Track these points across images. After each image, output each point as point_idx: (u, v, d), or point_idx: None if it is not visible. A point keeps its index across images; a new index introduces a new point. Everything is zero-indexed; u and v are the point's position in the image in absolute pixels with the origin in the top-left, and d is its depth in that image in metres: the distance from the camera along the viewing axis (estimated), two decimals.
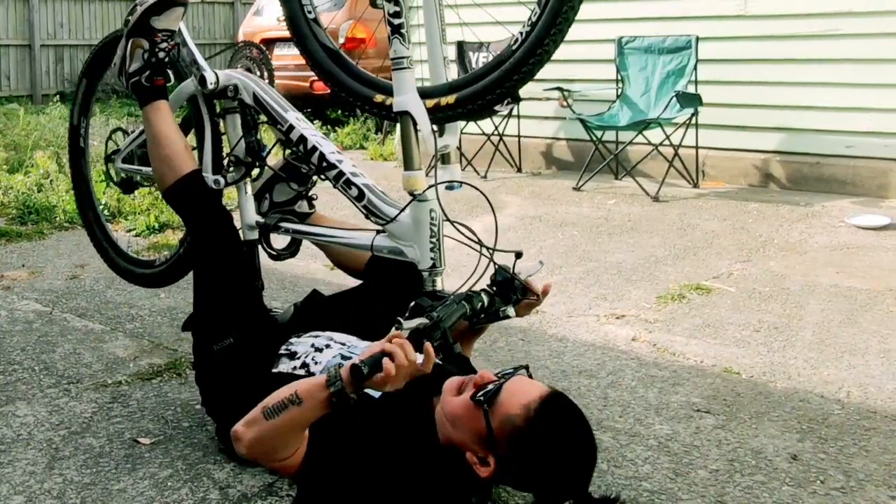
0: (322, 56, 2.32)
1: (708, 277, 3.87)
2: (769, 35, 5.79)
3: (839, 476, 2.15)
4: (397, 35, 2.01)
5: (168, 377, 2.75)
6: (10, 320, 3.33)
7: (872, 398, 2.61)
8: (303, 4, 2.36)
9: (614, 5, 6.32)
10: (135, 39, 2.45)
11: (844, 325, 3.24)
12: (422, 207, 2.05)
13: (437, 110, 2.07)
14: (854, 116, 5.54)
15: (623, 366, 2.87)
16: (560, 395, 1.81)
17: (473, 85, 2.02)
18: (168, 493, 2.04)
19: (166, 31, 2.44)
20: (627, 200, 5.57)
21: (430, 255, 2.04)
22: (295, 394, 1.74)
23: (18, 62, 12.70)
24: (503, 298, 2.02)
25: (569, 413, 1.79)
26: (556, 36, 1.90)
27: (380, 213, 2.15)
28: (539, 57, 1.92)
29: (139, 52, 2.44)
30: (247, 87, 2.43)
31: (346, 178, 2.21)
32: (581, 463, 1.76)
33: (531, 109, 6.67)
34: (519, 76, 1.95)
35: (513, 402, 1.74)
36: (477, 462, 1.78)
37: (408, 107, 2.03)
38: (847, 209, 5.14)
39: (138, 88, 2.45)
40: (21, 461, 2.20)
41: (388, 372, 1.67)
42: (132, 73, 2.45)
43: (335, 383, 1.70)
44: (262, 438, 1.76)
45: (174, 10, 2.42)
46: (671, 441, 2.33)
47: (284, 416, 1.73)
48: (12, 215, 5.15)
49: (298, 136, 2.31)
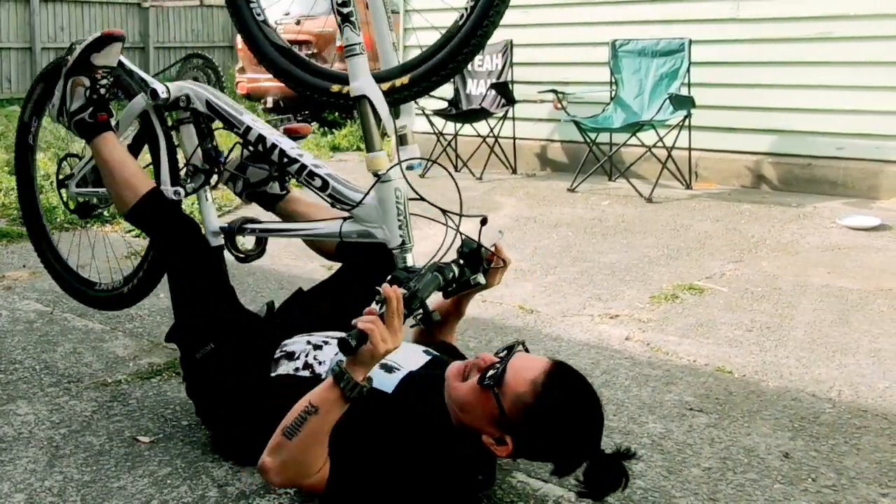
0: (275, 55, 2.36)
1: (701, 277, 3.90)
2: (761, 38, 5.84)
3: (831, 474, 2.17)
4: (347, 23, 2.07)
5: (167, 376, 2.76)
6: (11, 320, 3.34)
7: (863, 397, 2.63)
8: (251, 7, 2.40)
9: (608, 8, 6.36)
10: (75, 78, 2.46)
11: (836, 325, 3.27)
12: (387, 187, 2.09)
13: (393, 91, 2.12)
14: (845, 118, 5.59)
15: (617, 365, 2.89)
16: (562, 365, 1.88)
17: (425, 63, 2.07)
18: (167, 490, 2.05)
19: (106, 68, 2.47)
20: (621, 201, 5.60)
21: (398, 234, 2.09)
22: (309, 404, 1.78)
23: (20, 65, 12.77)
24: (472, 268, 2.08)
25: (574, 380, 1.86)
26: (500, 6, 1.96)
27: (345, 199, 2.18)
28: (485, 29, 1.97)
29: (80, 91, 2.46)
30: (199, 96, 2.45)
31: (308, 170, 2.25)
32: (592, 425, 1.84)
33: (526, 112, 6.71)
34: (468, 49, 2.00)
35: (520, 380, 1.80)
36: (493, 443, 1.84)
37: (364, 91, 2.08)
38: (838, 210, 5.18)
39: (82, 126, 2.46)
40: (22, 459, 2.20)
41: (373, 339, 1.73)
42: (74, 112, 2.46)
43: (343, 377, 1.76)
44: (290, 460, 1.80)
45: (113, 46, 2.45)
46: (664, 439, 2.35)
47: (306, 429, 1.77)
48: (13, 216, 5.15)
49: (256, 135, 2.34)
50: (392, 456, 1.85)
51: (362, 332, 1.74)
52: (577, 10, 6.51)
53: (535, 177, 6.69)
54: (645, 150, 5.85)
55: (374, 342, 1.74)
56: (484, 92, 6.78)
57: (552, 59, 6.67)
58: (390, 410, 1.92)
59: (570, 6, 6.50)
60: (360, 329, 1.75)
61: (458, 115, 6.74)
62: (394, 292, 1.79)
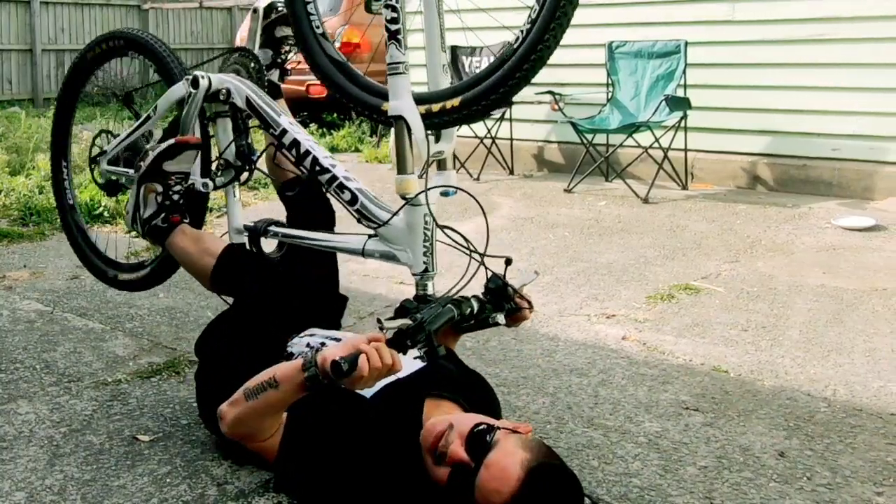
0: (331, 68, 2.33)
1: (697, 278, 3.92)
2: (757, 40, 5.86)
3: (826, 473, 2.18)
4: (394, 41, 2.02)
5: (167, 375, 2.77)
6: (12, 320, 3.35)
7: (858, 396, 2.64)
8: (311, 20, 2.37)
9: (605, 10, 6.37)
10: (147, 184, 2.44)
11: (831, 325, 3.29)
12: (416, 211, 2.05)
13: (444, 113, 2.06)
14: (840, 120, 5.61)
15: (613, 364, 2.91)
16: (542, 470, 1.63)
17: (477, 86, 2.01)
18: (167, 489, 2.06)
19: (180, 175, 2.45)
20: (618, 202, 5.62)
21: (422, 260, 2.04)
22: (273, 377, 1.82)
23: (20, 66, 12.81)
24: (495, 306, 2.03)
25: (553, 491, 1.64)
26: (556, 31, 1.92)
27: (372, 217, 2.14)
28: (540, 53, 1.93)
29: (152, 197, 2.45)
30: (239, 91, 2.43)
31: (339, 181, 2.21)
32: None
33: (523, 113, 6.72)
34: (521, 73, 1.96)
35: (491, 496, 1.62)
36: None
37: (401, 111, 2.04)
38: (833, 211, 5.20)
39: (157, 232, 2.46)
40: (23, 458, 2.22)
41: (360, 373, 1.71)
42: (147, 219, 2.45)
43: (310, 368, 1.78)
44: (242, 419, 1.87)
45: (187, 154, 2.43)
46: (661, 438, 2.36)
47: (262, 397, 1.83)
48: (14, 217, 5.17)
49: (291, 140, 2.31)
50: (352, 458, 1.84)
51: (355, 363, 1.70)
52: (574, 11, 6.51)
53: (532, 177, 6.71)
54: (641, 151, 5.87)
55: (353, 381, 1.72)
56: None
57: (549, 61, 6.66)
58: (363, 414, 1.92)
59: None
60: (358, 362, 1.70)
61: None
62: (376, 350, 1.72)
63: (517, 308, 2.08)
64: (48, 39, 13.03)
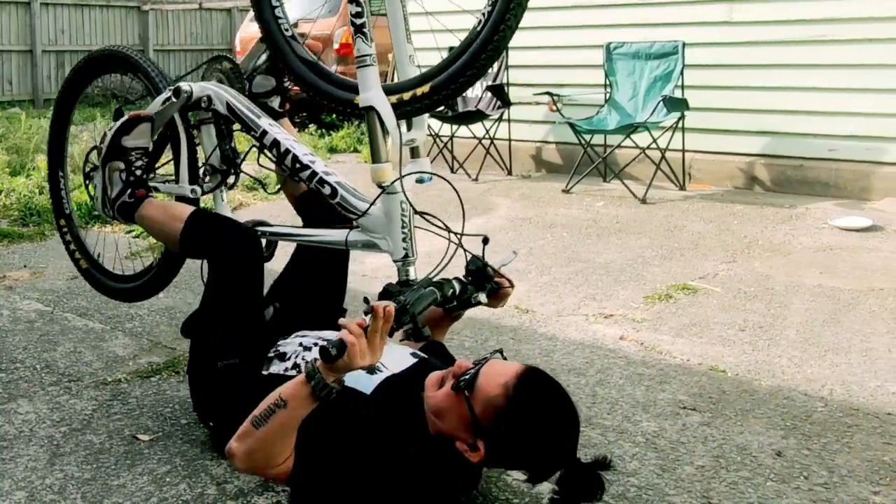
0: (303, 69, 2.39)
1: (694, 278, 3.93)
2: (754, 41, 5.87)
3: (822, 472, 2.19)
4: (360, 34, 2.08)
5: (167, 375, 2.78)
6: (12, 319, 3.36)
7: (855, 396, 2.66)
8: (279, 23, 2.43)
9: (602, 12, 6.39)
10: (110, 164, 2.49)
11: (828, 325, 3.30)
12: (392, 199, 2.11)
13: (415, 101, 2.12)
14: (837, 120, 5.62)
15: (611, 364, 2.92)
16: (535, 370, 1.85)
17: (445, 71, 2.07)
18: (166, 488, 2.07)
19: (139, 149, 2.50)
20: (615, 202, 5.63)
21: (402, 246, 2.11)
22: (279, 398, 1.79)
23: (20, 67, 12.85)
24: (476, 286, 2.09)
25: (546, 385, 1.84)
26: (517, 10, 1.96)
27: (352, 209, 2.20)
28: (503, 33, 1.97)
29: (117, 176, 2.49)
30: (220, 97, 2.47)
31: (319, 177, 2.27)
32: (565, 431, 1.81)
33: (521, 114, 6.73)
34: (486, 55, 2.00)
35: (491, 384, 1.79)
36: (467, 449, 1.83)
37: (372, 102, 2.10)
38: (830, 211, 5.21)
39: (125, 208, 2.48)
40: (23, 457, 2.23)
41: (350, 345, 1.72)
42: (115, 198, 2.49)
43: (314, 376, 1.76)
44: (255, 449, 1.80)
45: (141, 126, 2.48)
46: (658, 438, 2.37)
47: (273, 421, 1.78)
48: (14, 217, 5.18)
49: (272, 140, 2.36)
50: (361, 457, 1.85)
51: (343, 343, 1.74)
52: (572, 13, 6.53)
53: (530, 178, 6.72)
54: (639, 151, 5.88)
55: (350, 355, 1.74)
56: (480, 94, 6.80)
57: (547, 62, 6.70)
58: (365, 412, 1.93)
59: (565, 9, 6.52)
60: (342, 339, 1.74)
61: (454, 117, 6.76)
62: (382, 310, 1.76)
63: (498, 287, 2.15)
64: (48, 40, 13.06)
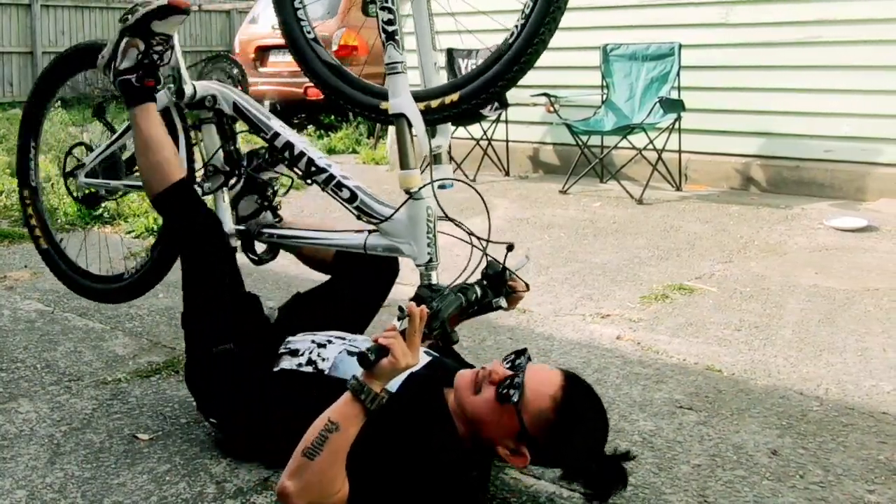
0: (325, 72, 2.36)
1: (690, 278, 3.94)
2: (750, 42, 5.89)
3: (818, 471, 2.20)
4: (392, 41, 2.06)
5: (166, 374, 2.79)
6: (12, 319, 3.37)
7: (850, 395, 2.67)
8: (302, 27, 2.40)
9: (599, 13, 6.40)
10: (130, 39, 2.42)
11: (823, 325, 3.31)
12: (418, 205, 2.10)
13: (443, 109, 2.13)
14: (833, 121, 5.64)
15: (608, 364, 2.93)
16: (576, 378, 1.93)
17: (475, 81, 2.07)
18: (166, 487, 2.07)
19: (163, 35, 2.43)
20: (612, 203, 5.64)
21: (427, 251, 2.10)
22: (329, 422, 1.74)
23: (21, 69, 12.91)
24: (494, 291, 2.11)
25: (587, 393, 1.92)
26: (550, 24, 1.97)
27: (373, 213, 2.19)
28: (536, 46, 1.98)
29: (133, 52, 2.42)
30: (226, 97, 2.44)
31: (336, 180, 2.25)
32: (602, 432, 1.91)
33: (519, 115, 6.74)
34: (518, 67, 2.01)
35: (540, 396, 1.83)
36: (509, 454, 1.87)
37: (402, 109, 2.09)
38: (826, 211, 5.23)
39: (128, 87, 2.42)
40: (23, 456, 2.23)
41: (391, 346, 1.73)
42: (122, 71, 2.42)
43: (363, 389, 1.74)
44: (313, 482, 1.72)
45: (176, 17, 2.41)
46: (655, 437, 2.38)
47: (328, 448, 1.72)
48: (15, 217, 5.17)
49: (284, 142, 2.33)
50: (396, 457, 1.85)
51: (382, 346, 1.74)
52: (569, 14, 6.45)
53: (527, 179, 6.73)
54: (636, 152, 5.90)
55: (395, 356, 1.73)
56: None
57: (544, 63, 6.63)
58: (395, 408, 1.91)
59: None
60: (381, 344, 1.74)
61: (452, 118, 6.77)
62: (419, 311, 1.78)
63: (513, 290, 2.19)
64: (49, 42, 13.10)
